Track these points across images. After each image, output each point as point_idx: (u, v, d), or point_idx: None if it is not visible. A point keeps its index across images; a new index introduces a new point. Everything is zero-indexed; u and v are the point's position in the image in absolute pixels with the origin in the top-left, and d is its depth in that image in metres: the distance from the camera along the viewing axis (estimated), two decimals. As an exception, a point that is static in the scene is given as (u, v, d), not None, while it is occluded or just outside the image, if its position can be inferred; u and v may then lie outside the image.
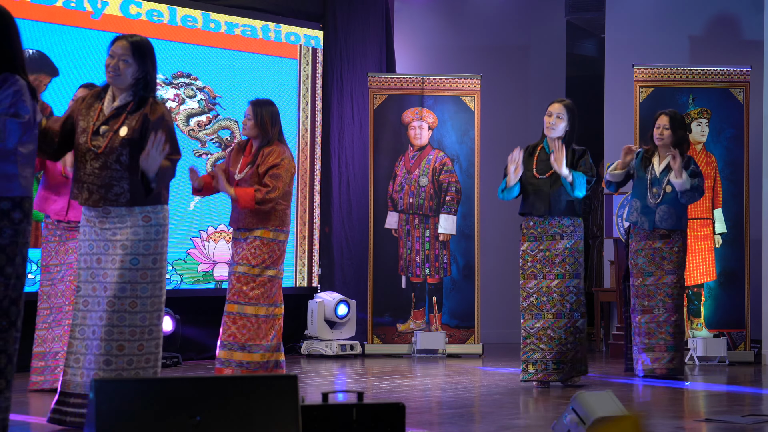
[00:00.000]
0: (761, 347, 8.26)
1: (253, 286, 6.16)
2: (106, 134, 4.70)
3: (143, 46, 4.79)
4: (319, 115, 9.21)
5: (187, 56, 8.34)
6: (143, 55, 4.77)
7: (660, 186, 7.13)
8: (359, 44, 9.49)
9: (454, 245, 8.92)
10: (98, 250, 4.71)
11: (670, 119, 7.15)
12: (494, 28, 10.56)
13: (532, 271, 6.62)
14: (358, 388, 5.20)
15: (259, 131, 6.24)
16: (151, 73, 4.79)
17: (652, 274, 7.15)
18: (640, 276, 7.18)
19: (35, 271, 7.38)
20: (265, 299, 6.16)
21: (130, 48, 4.76)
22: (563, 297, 6.57)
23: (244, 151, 6.31)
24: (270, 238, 6.20)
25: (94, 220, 4.72)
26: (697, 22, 9.61)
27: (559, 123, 6.66)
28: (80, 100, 4.86)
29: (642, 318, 7.15)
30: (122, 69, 4.74)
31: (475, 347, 8.81)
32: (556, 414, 4.99)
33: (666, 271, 7.15)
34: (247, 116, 6.33)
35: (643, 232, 7.17)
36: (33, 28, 7.48)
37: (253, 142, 6.29)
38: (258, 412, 3.56)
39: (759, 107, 8.49)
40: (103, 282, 4.69)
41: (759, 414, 5.46)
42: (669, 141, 7.12)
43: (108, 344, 4.64)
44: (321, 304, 8.60)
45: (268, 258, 6.18)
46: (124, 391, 3.48)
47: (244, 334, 6.13)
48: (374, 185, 8.90)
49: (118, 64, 4.74)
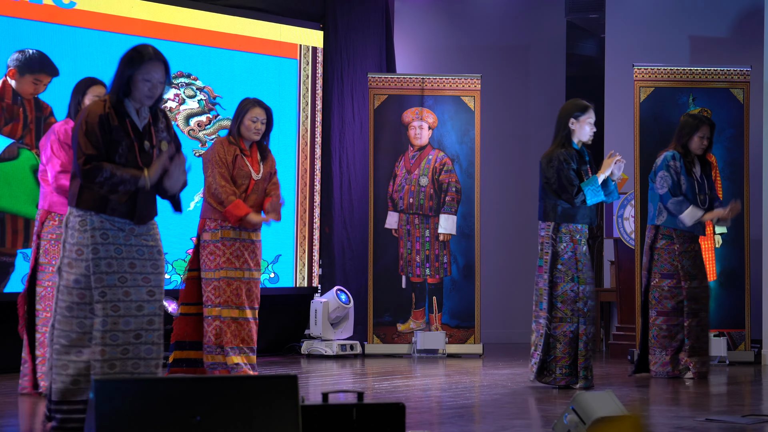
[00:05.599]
0: (761, 347, 8.26)
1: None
2: (150, 151, 4.68)
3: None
4: (319, 115, 9.21)
5: (187, 56, 8.34)
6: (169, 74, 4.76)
7: (704, 193, 7.17)
8: (359, 44, 9.50)
9: (454, 245, 8.92)
10: (130, 255, 4.62)
11: (711, 129, 7.21)
12: (494, 28, 10.56)
13: (571, 275, 6.57)
14: (358, 388, 5.20)
15: (263, 134, 6.50)
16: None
17: (696, 277, 7.17)
18: (687, 279, 7.16)
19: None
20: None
21: (166, 74, 4.71)
22: (592, 302, 6.60)
23: (243, 151, 6.43)
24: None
25: (125, 227, 4.66)
26: (697, 22, 9.61)
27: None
28: (103, 118, 4.65)
29: (692, 321, 7.14)
30: (159, 94, 4.69)
31: (475, 347, 8.81)
32: (556, 414, 4.99)
33: (705, 275, 7.25)
34: (260, 120, 6.41)
35: (688, 235, 7.18)
36: (33, 28, 7.48)
37: (246, 141, 6.45)
38: (258, 412, 3.56)
39: (759, 107, 8.49)
40: (145, 286, 4.62)
41: (759, 414, 5.46)
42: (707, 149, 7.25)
43: (159, 348, 4.64)
44: (325, 305, 8.60)
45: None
46: (124, 391, 3.48)
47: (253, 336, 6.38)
48: (374, 185, 8.90)
49: (156, 90, 4.67)
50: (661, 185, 7.14)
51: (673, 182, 7.11)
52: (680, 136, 7.24)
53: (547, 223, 6.57)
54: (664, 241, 7.21)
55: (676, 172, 7.13)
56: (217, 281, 6.31)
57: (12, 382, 6.47)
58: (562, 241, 6.53)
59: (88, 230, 4.60)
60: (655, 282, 7.22)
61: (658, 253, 7.23)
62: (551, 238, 6.54)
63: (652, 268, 7.24)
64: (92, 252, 4.58)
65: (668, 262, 7.20)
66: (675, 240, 7.18)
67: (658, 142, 8.45)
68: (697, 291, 7.16)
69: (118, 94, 4.64)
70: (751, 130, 8.50)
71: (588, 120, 6.61)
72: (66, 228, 4.68)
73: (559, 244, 6.53)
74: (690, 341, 7.13)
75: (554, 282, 6.57)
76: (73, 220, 4.65)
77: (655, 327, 7.20)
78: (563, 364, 6.53)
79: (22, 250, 7.32)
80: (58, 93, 7.50)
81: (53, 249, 5.93)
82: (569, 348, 6.53)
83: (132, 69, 4.62)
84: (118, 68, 4.67)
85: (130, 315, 4.57)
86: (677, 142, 7.25)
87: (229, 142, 6.45)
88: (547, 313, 6.56)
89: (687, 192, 7.14)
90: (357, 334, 8.86)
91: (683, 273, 7.16)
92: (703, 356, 7.15)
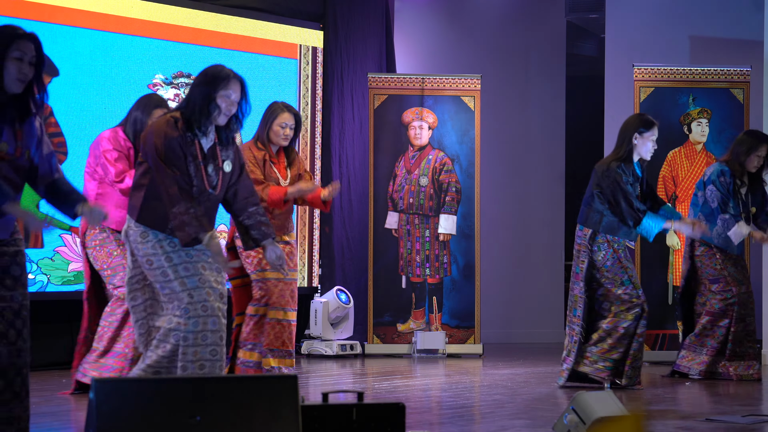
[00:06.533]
0: (761, 347, 8.25)
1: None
2: (214, 174, 4.64)
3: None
4: (319, 115, 9.22)
5: (187, 56, 8.34)
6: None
7: (747, 211, 7.20)
8: (359, 44, 9.50)
9: (454, 245, 8.92)
10: (200, 258, 4.59)
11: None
12: (494, 28, 10.56)
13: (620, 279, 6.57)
14: (358, 388, 5.20)
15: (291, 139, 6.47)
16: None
17: (743, 283, 7.19)
18: (736, 284, 7.16)
19: (35, 270, 7.38)
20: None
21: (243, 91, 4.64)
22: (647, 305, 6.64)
23: (271, 157, 6.39)
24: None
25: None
26: (697, 22, 9.61)
27: None
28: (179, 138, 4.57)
29: (738, 327, 7.14)
30: (233, 112, 4.62)
31: (475, 347, 8.81)
32: (556, 414, 4.99)
33: (749, 280, 7.28)
34: (289, 126, 6.37)
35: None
36: (33, 28, 7.45)
37: (273, 146, 6.39)
38: (258, 412, 3.56)
39: (759, 107, 8.49)
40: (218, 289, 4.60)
41: (759, 414, 5.46)
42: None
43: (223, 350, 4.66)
44: (325, 305, 8.59)
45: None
46: (124, 391, 3.48)
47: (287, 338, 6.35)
48: (374, 185, 8.90)
49: (233, 108, 4.61)
50: (711, 199, 7.15)
51: (723, 195, 7.11)
52: (738, 153, 7.19)
53: (585, 230, 6.57)
54: (703, 248, 7.21)
55: (725, 187, 7.13)
56: (262, 282, 6.29)
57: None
58: (601, 250, 6.53)
59: (151, 241, 4.58)
60: (705, 286, 7.23)
61: (700, 260, 7.23)
62: (587, 246, 6.55)
63: (698, 275, 7.26)
64: (166, 260, 4.56)
65: (712, 267, 7.19)
66: (713, 246, 7.19)
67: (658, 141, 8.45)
68: (745, 296, 7.17)
69: (195, 114, 4.57)
70: (751, 130, 8.49)
71: (651, 137, 6.60)
72: (128, 240, 4.65)
73: (598, 253, 6.54)
74: (733, 346, 7.12)
75: (597, 288, 6.58)
76: (133, 234, 4.62)
77: (699, 326, 7.22)
78: (608, 357, 6.52)
79: (22, 250, 7.32)
80: (58, 93, 7.50)
81: (100, 254, 5.98)
82: (618, 343, 6.51)
83: (214, 88, 4.57)
84: (197, 87, 4.60)
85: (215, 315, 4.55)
86: (734, 158, 7.21)
87: (258, 148, 6.38)
88: (581, 320, 6.56)
89: (735, 206, 7.14)
90: (357, 334, 8.86)
91: (731, 279, 7.17)
92: (748, 360, 7.15)
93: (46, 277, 7.46)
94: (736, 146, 7.23)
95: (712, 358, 7.16)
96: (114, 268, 5.94)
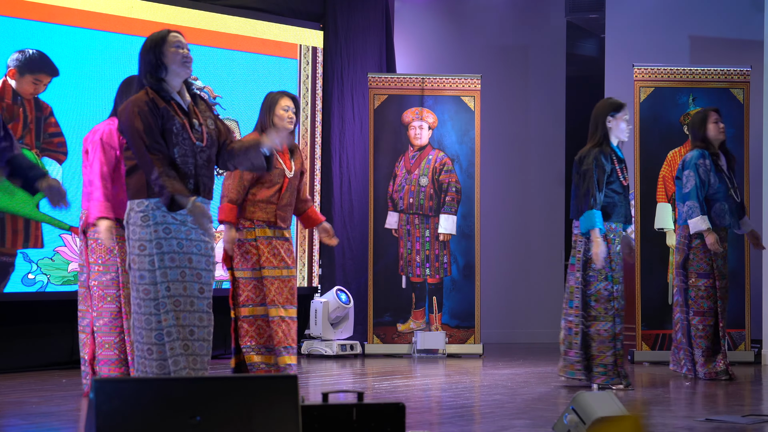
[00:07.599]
0: (761, 347, 8.25)
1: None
2: (200, 129, 4.73)
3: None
4: (320, 115, 9.22)
5: (187, 56, 8.34)
6: None
7: (734, 184, 7.18)
8: (359, 44, 9.50)
9: (454, 245, 8.92)
10: (189, 250, 4.64)
11: (719, 113, 7.20)
12: (494, 28, 10.56)
13: (605, 273, 6.54)
14: (358, 388, 5.20)
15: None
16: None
17: (725, 276, 7.18)
18: (720, 278, 7.14)
19: (35, 270, 7.38)
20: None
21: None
22: (623, 300, 6.62)
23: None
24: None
25: (187, 219, 4.66)
26: (697, 22, 9.61)
27: None
28: (149, 104, 4.68)
29: (724, 323, 7.15)
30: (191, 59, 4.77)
31: (475, 347, 8.81)
32: (556, 414, 4.99)
33: (727, 273, 7.26)
34: (291, 109, 6.38)
35: (723, 235, 7.19)
36: (33, 28, 7.48)
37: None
38: (258, 412, 3.56)
39: (759, 107, 8.49)
40: (198, 282, 4.63)
41: (759, 414, 5.46)
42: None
43: (209, 345, 4.68)
44: (325, 305, 8.59)
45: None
46: (124, 391, 3.48)
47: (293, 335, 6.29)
48: (374, 185, 8.90)
49: (189, 55, 4.75)
50: (685, 184, 7.12)
51: (698, 182, 7.08)
52: (695, 132, 7.21)
53: (578, 222, 6.56)
54: (699, 241, 7.18)
55: (706, 170, 7.10)
56: (256, 281, 6.27)
57: (13, 382, 6.47)
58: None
59: (150, 225, 4.63)
60: (692, 281, 7.20)
61: (694, 252, 7.19)
62: (583, 236, 6.54)
63: (688, 267, 7.22)
64: (156, 247, 4.61)
65: (704, 261, 7.18)
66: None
67: (658, 141, 8.46)
68: (723, 291, 7.16)
69: (156, 75, 4.69)
70: (751, 130, 8.50)
71: (624, 117, 6.60)
72: (127, 225, 4.70)
73: (589, 243, 6.51)
74: (712, 342, 7.13)
75: (587, 281, 6.55)
76: (134, 217, 4.67)
77: (693, 327, 7.19)
78: (599, 362, 6.50)
79: (22, 250, 7.31)
80: (58, 93, 7.50)
81: (99, 248, 5.95)
82: (604, 347, 6.50)
83: (157, 47, 4.69)
84: (142, 56, 4.73)
85: (186, 311, 4.60)
86: (696, 138, 7.21)
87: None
88: (581, 311, 6.52)
89: (720, 190, 7.12)
90: (357, 334, 8.86)
91: (717, 273, 7.15)
92: (723, 355, 7.14)
93: (46, 277, 7.40)
94: (692, 129, 7.29)
95: (708, 359, 7.14)
96: (107, 266, 5.92)
